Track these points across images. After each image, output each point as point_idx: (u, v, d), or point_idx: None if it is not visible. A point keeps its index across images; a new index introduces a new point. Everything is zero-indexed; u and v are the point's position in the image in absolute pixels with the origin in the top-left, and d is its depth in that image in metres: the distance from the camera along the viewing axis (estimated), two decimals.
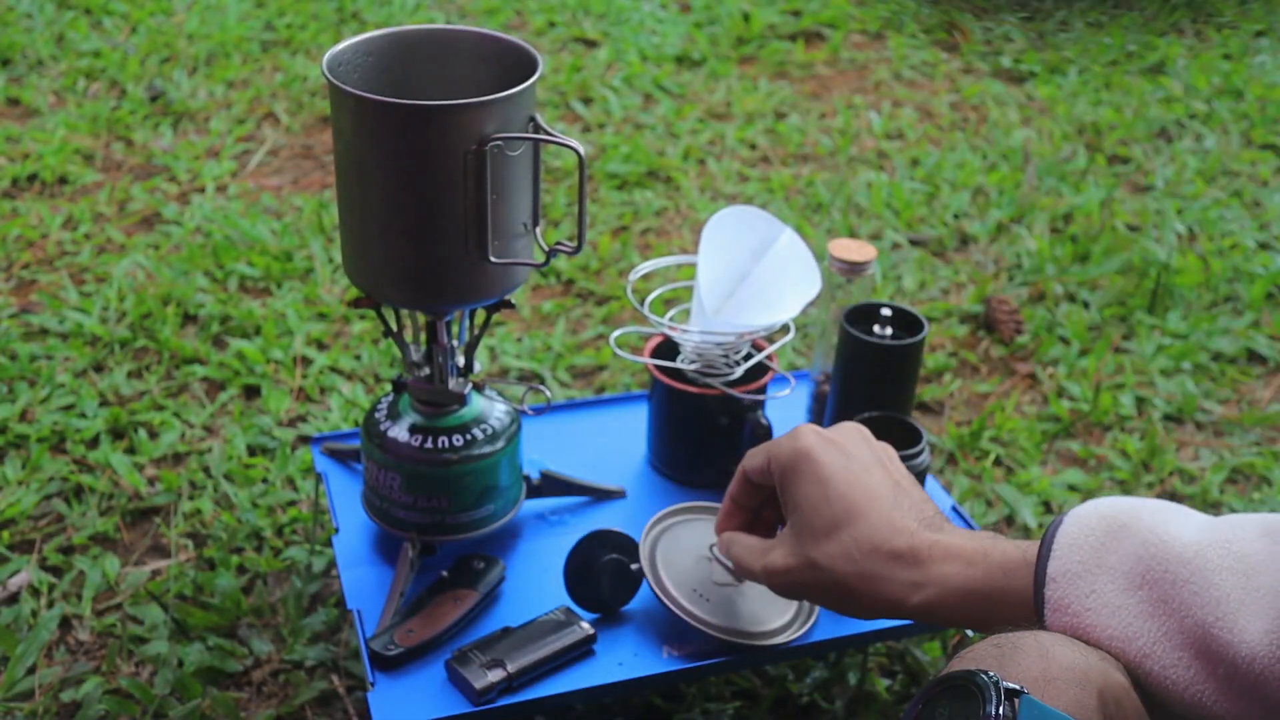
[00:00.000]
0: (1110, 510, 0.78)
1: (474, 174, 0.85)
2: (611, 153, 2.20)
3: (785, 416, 1.33)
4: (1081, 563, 0.76)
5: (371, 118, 0.87)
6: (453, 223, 0.87)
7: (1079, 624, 0.74)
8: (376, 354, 1.64)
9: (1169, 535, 0.74)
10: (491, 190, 0.86)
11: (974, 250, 1.99)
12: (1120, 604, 0.73)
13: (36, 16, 2.65)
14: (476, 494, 1.10)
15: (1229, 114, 2.50)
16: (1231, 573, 0.71)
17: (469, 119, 0.85)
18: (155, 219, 1.97)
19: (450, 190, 0.86)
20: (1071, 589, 0.75)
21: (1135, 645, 0.72)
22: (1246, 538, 0.73)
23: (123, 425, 1.50)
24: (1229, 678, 0.69)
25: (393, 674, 1.01)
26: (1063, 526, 0.78)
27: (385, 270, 0.93)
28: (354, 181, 0.90)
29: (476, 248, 0.88)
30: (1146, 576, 0.73)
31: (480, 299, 0.94)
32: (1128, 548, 0.75)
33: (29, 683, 1.17)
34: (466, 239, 0.88)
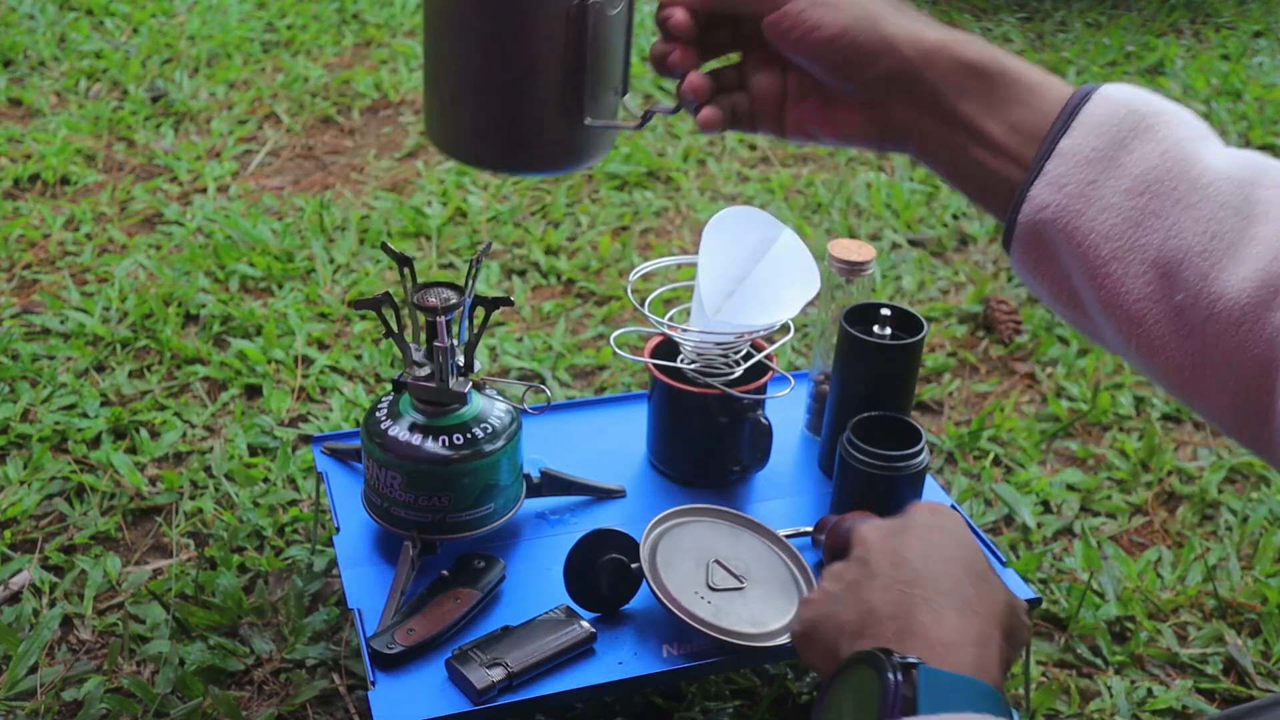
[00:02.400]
0: (1142, 105, 0.71)
1: (575, 31, 0.84)
2: (612, 153, 2.20)
3: (785, 416, 1.33)
4: (1096, 149, 0.70)
5: None
6: (550, 82, 0.86)
7: (1066, 206, 0.70)
8: (377, 354, 1.65)
9: (1193, 154, 0.70)
10: (591, 49, 0.85)
11: (973, 250, 1.99)
12: (1116, 203, 0.69)
13: (38, 17, 2.66)
14: (477, 493, 1.10)
15: (1227, 114, 2.50)
16: (1237, 214, 0.68)
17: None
18: (157, 219, 1.98)
19: (550, 47, 0.84)
20: (1076, 171, 0.70)
21: (1109, 247, 0.69)
22: (1266, 183, 0.69)
23: (124, 425, 1.50)
24: (1185, 309, 0.67)
25: (393, 673, 1.01)
26: (1089, 105, 0.71)
27: (478, 132, 0.90)
28: (449, 40, 0.88)
29: (573, 108, 0.87)
30: (1153, 187, 0.69)
31: (570, 164, 0.92)
32: (1147, 151, 0.70)
33: (31, 681, 1.17)
34: (563, 99, 0.86)
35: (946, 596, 0.68)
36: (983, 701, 0.62)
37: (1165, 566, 1.38)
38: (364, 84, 2.44)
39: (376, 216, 1.98)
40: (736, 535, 1.13)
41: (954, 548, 0.74)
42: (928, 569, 0.70)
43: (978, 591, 0.70)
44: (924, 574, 0.70)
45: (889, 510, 1.13)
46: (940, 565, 0.71)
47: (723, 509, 1.15)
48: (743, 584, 1.07)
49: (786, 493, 1.26)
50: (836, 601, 0.73)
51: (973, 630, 0.67)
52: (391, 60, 2.58)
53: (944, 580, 0.69)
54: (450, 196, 2.05)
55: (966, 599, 0.68)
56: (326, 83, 2.45)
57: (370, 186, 2.10)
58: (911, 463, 1.13)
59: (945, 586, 0.69)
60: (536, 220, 2.01)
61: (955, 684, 0.62)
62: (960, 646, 0.65)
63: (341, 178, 2.13)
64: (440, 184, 2.10)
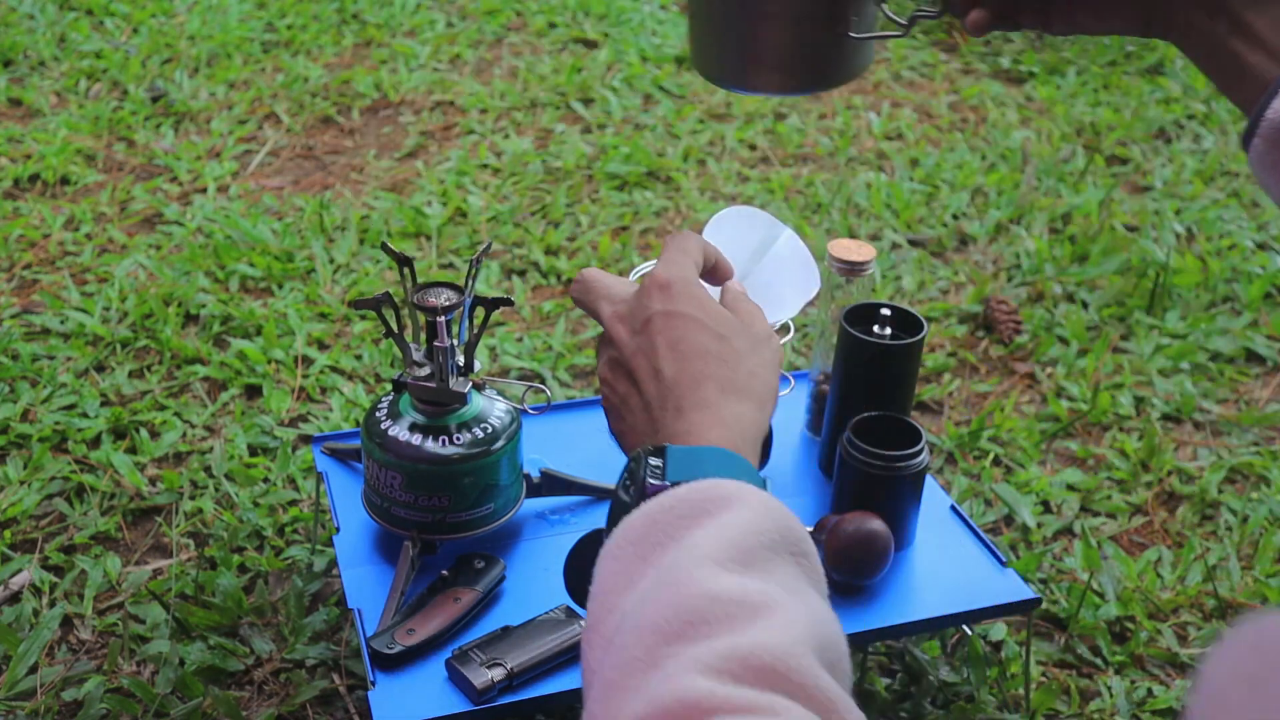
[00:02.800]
0: None
1: None
2: (612, 153, 2.21)
3: (784, 416, 1.33)
4: None
5: None
6: (819, 2, 0.88)
7: None
8: (377, 354, 1.65)
9: None
10: None
11: (973, 250, 1.99)
12: None
13: (38, 17, 2.66)
14: (477, 493, 1.10)
15: (1227, 114, 2.50)
16: None
17: None
18: (157, 219, 1.98)
19: None
20: None
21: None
22: None
23: (124, 425, 1.50)
24: None
25: (393, 673, 1.01)
26: None
27: (755, 58, 0.92)
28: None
29: (840, 21, 0.89)
30: None
31: (844, 77, 0.94)
32: None
33: (31, 681, 1.17)
34: (831, 13, 0.89)
35: (695, 399, 0.76)
36: (725, 466, 0.70)
37: (1165, 566, 1.38)
38: (364, 84, 2.44)
39: (376, 216, 1.98)
40: None
41: (697, 334, 0.79)
42: (677, 374, 0.77)
43: (723, 375, 0.78)
44: (676, 382, 0.77)
45: (889, 510, 1.14)
46: (687, 365, 0.78)
47: None
48: None
49: (786, 493, 1.26)
50: (623, 418, 0.81)
51: (720, 415, 0.75)
52: (391, 60, 2.58)
53: (691, 383, 0.77)
54: (450, 196, 2.05)
55: (709, 394, 0.76)
56: (326, 83, 2.45)
57: (370, 186, 2.10)
58: (911, 463, 1.13)
59: (694, 391, 0.76)
60: (536, 220, 2.01)
61: (698, 454, 0.71)
62: (708, 430, 0.74)
63: (341, 178, 2.13)
64: (440, 184, 2.10)
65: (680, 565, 0.62)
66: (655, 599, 0.61)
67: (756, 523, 0.65)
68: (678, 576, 0.61)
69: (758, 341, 0.82)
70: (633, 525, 0.67)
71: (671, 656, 0.57)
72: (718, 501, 0.66)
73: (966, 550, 1.20)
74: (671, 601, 0.60)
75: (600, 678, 0.60)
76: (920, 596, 1.14)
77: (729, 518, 0.65)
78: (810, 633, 0.59)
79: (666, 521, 0.66)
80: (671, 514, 0.66)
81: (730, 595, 0.60)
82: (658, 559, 0.64)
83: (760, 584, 0.62)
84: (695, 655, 0.56)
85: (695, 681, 0.54)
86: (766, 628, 0.58)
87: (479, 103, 2.39)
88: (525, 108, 2.41)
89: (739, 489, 0.67)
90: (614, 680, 0.58)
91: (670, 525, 0.65)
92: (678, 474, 0.70)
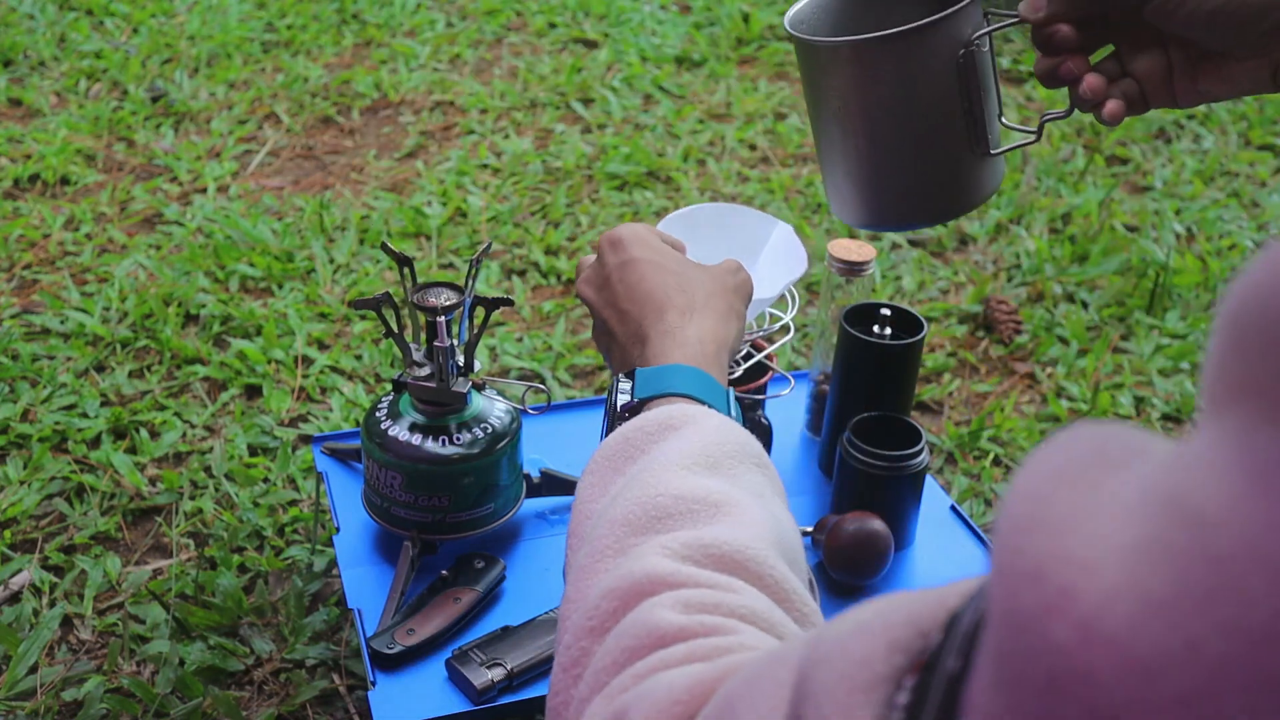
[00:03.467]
0: None
1: (965, 76, 0.88)
2: (612, 153, 2.21)
3: (785, 416, 1.34)
4: None
5: (875, 55, 0.88)
6: (955, 130, 0.91)
7: None
8: (377, 354, 1.65)
9: None
10: (980, 88, 0.90)
11: (973, 250, 1.99)
12: None
13: (38, 17, 2.66)
14: (477, 493, 1.10)
15: (1227, 114, 2.50)
16: None
17: (958, 25, 0.87)
18: (157, 219, 1.98)
19: (950, 100, 0.89)
20: None
21: None
22: None
23: (124, 425, 1.50)
24: None
25: (393, 673, 1.01)
26: None
27: (905, 197, 0.94)
28: (856, 129, 0.92)
29: (979, 144, 0.91)
30: None
31: (988, 193, 0.96)
32: None
33: (31, 681, 1.17)
34: (970, 140, 0.91)
35: (654, 327, 0.82)
36: (686, 381, 0.77)
37: None
38: (364, 84, 2.44)
39: (376, 216, 1.98)
40: None
41: (651, 274, 0.85)
42: (637, 309, 0.83)
43: (681, 302, 0.83)
44: (636, 316, 0.83)
45: (889, 510, 1.14)
46: (645, 301, 0.84)
47: None
48: None
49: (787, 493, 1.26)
50: (606, 350, 0.88)
51: (681, 337, 0.81)
52: (391, 60, 2.58)
53: (650, 313, 0.83)
54: (450, 196, 2.05)
55: (669, 320, 0.82)
56: (326, 83, 2.45)
57: (370, 186, 2.10)
58: (911, 463, 1.13)
59: (653, 319, 0.82)
60: (536, 220, 2.01)
61: (660, 373, 0.78)
62: (671, 350, 0.80)
63: (341, 178, 2.13)
64: (440, 184, 2.10)
65: (649, 469, 0.67)
66: (624, 498, 0.66)
67: (720, 435, 0.70)
68: (646, 479, 0.66)
69: (716, 271, 0.88)
70: (608, 445, 0.73)
71: (638, 545, 0.62)
72: (683, 418, 0.72)
73: (967, 550, 1.20)
74: (640, 499, 0.65)
75: (574, 568, 0.65)
76: None
77: (693, 431, 0.71)
78: (770, 530, 0.64)
79: (637, 439, 0.72)
80: (641, 432, 0.72)
81: (694, 494, 0.65)
82: (628, 468, 0.70)
83: (724, 485, 0.66)
84: (661, 542, 0.61)
85: (660, 562, 0.59)
86: (729, 524, 0.63)
87: (479, 103, 2.39)
88: (525, 108, 2.41)
89: (704, 412, 0.73)
90: (586, 566, 0.63)
91: (641, 440, 0.71)
92: (644, 391, 0.77)
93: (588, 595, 0.61)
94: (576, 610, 0.61)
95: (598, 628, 0.58)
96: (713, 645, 0.53)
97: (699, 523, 0.63)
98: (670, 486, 0.65)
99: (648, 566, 0.59)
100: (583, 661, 0.58)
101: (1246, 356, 0.32)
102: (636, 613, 0.57)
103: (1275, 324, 0.31)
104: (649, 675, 0.53)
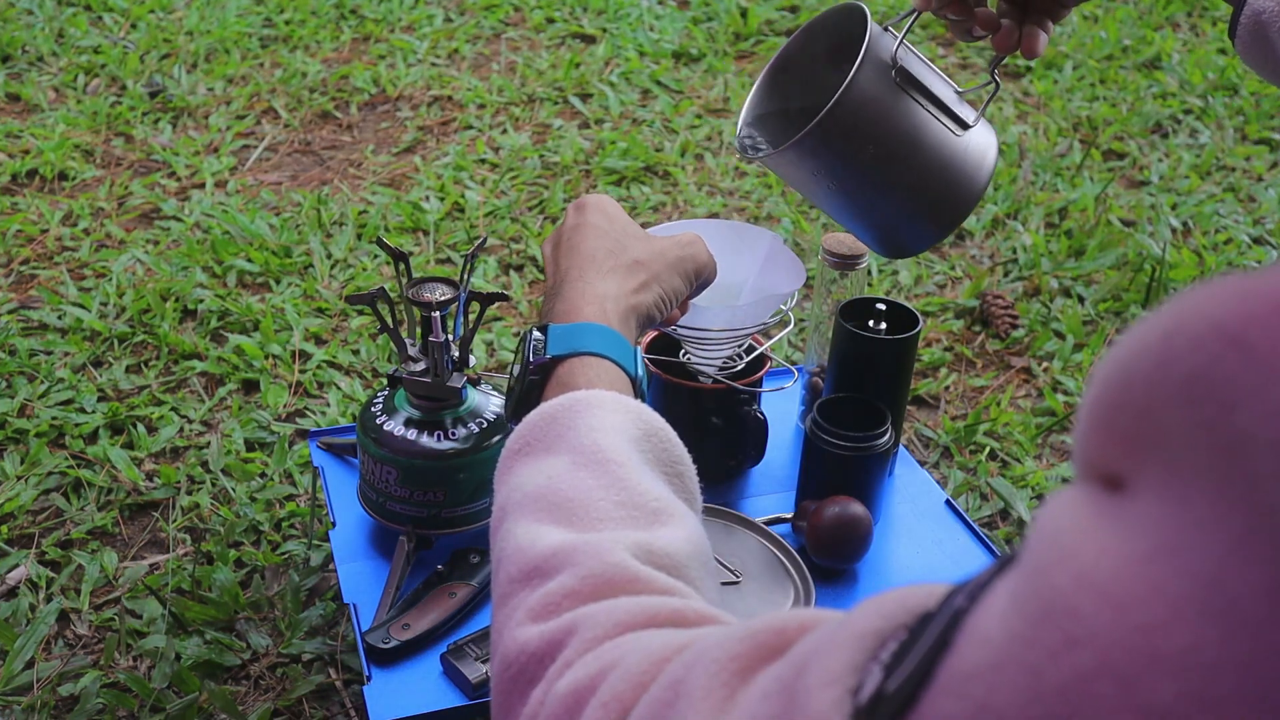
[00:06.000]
0: None
1: (912, 83, 0.93)
2: (609, 148, 2.21)
3: (781, 410, 1.34)
4: None
5: (831, 127, 0.91)
6: (938, 125, 0.95)
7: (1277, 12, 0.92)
8: (374, 349, 1.65)
9: None
10: (926, 86, 0.94)
11: (969, 245, 1.99)
12: None
13: (37, 13, 2.66)
14: (472, 488, 1.10)
15: (1224, 109, 2.50)
16: None
17: (876, 55, 0.92)
18: (154, 215, 1.98)
19: (915, 109, 0.94)
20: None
21: None
22: None
23: (121, 420, 1.50)
24: None
25: (389, 667, 1.02)
26: None
27: (944, 210, 0.98)
28: (867, 185, 0.96)
29: (961, 122, 0.96)
30: None
31: (995, 157, 0.99)
32: None
33: (27, 676, 1.18)
34: (954, 124, 0.96)
35: (571, 283, 0.85)
36: (597, 339, 0.80)
37: None
38: (362, 79, 2.44)
39: (374, 211, 1.99)
40: (730, 531, 1.13)
41: (590, 237, 0.89)
42: (566, 266, 0.87)
43: (604, 264, 0.87)
44: (563, 272, 0.87)
45: (858, 492, 1.15)
46: (573, 259, 0.87)
47: (716, 506, 1.15)
48: (738, 579, 1.07)
49: (782, 486, 1.26)
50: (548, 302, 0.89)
51: (593, 294, 0.84)
52: (390, 55, 2.58)
53: (573, 270, 0.86)
54: (448, 191, 2.05)
55: (587, 277, 0.85)
56: (324, 78, 2.45)
57: (368, 182, 2.10)
58: (876, 443, 1.14)
59: (573, 275, 0.86)
60: (534, 215, 2.01)
61: (572, 330, 0.80)
62: (583, 305, 0.83)
63: (339, 173, 2.14)
64: (438, 179, 2.10)
65: None
66: None
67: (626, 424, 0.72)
68: None
69: (661, 242, 0.92)
70: (531, 426, 0.73)
71: None
72: (589, 404, 0.73)
73: (961, 545, 1.20)
74: None
75: (496, 590, 0.65)
76: None
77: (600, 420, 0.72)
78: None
79: (563, 419, 0.72)
80: (557, 418, 0.72)
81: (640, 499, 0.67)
82: (546, 458, 0.71)
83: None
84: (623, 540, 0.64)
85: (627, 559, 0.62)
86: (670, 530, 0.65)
87: (477, 98, 2.40)
88: (523, 103, 2.41)
89: (612, 401, 0.74)
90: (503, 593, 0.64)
91: (561, 425, 0.72)
92: (557, 348, 0.79)
93: None
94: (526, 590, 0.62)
95: None
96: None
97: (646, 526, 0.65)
98: None
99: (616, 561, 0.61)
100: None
101: (1113, 422, 0.36)
102: None
103: (1135, 386, 0.35)
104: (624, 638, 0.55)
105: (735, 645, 0.48)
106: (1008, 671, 0.34)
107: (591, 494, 0.65)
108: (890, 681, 0.38)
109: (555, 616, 0.58)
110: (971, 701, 0.35)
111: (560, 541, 0.62)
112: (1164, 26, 2.95)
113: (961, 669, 0.36)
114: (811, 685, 0.41)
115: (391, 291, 1.42)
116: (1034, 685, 0.33)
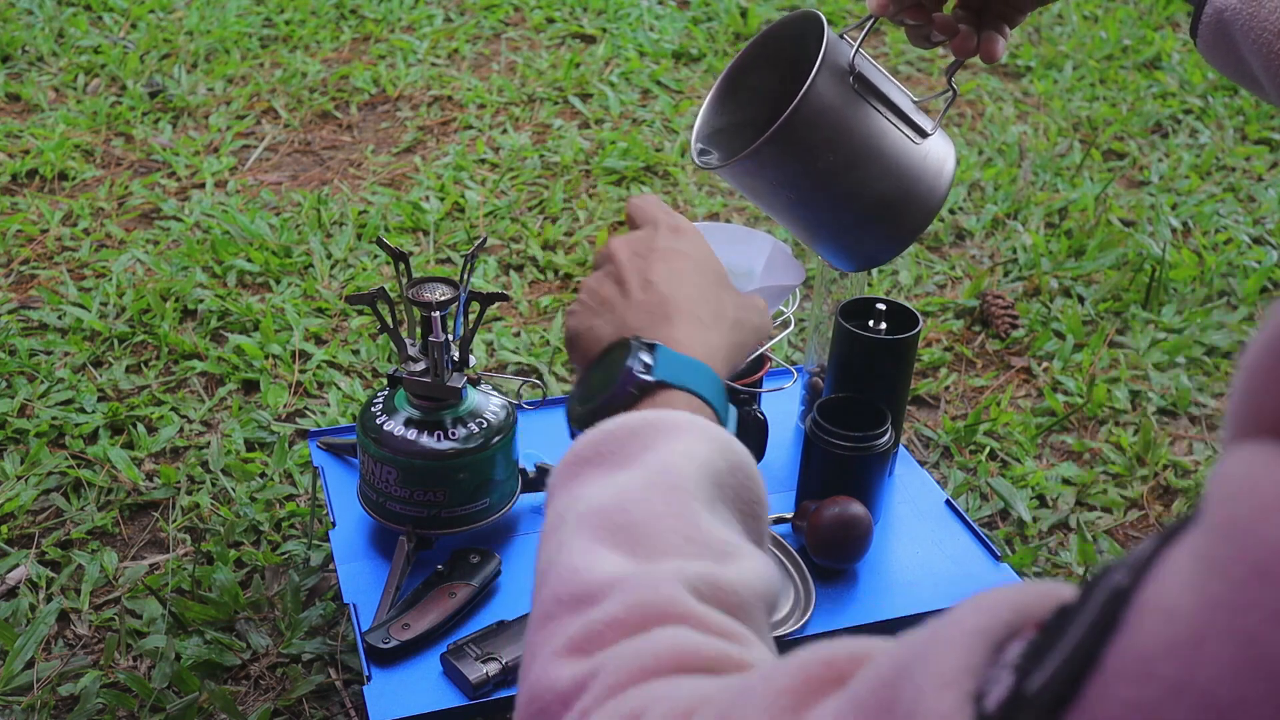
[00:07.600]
0: None
1: (870, 90, 0.94)
2: (609, 148, 2.21)
3: (781, 410, 1.34)
4: None
5: (790, 134, 0.91)
6: (896, 132, 0.95)
7: (1240, 9, 0.90)
8: (374, 349, 1.65)
9: None
10: (883, 93, 0.95)
11: (970, 245, 1.99)
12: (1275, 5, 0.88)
13: (37, 13, 2.66)
14: (472, 488, 1.10)
15: (1224, 109, 2.50)
16: None
17: (834, 63, 0.92)
18: (154, 215, 1.98)
19: (874, 116, 0.94)
20: None
21: None
22: None
23: (121, 420, 1.50)
24: None
25: (388, 667, 1.02)
26: None
27: (905, 218, 0.98)
28: (834, 195, 0.96)
29: (919, 130, 0.96)
30: None
31: (951, 171, 1.00)
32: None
33: (27, 676, 1.18)
34: (912, 132, 0.96)
35: (683, 315, 0.77)
36: (708, 384, 0.73)
37: None
38: (362, 79, 2.44)
39: (374, 211, 1.99)
40: None
41: (693, 272, 0.81)
42: (671, 292, 0.78)
43: (711, 310, 0.80)
44: (668, 297, 0.78)
45: (858, 491, 1.15)
46: (680, 289, 0.79)
47: None
48: None
49: (783, 486, 1.26)
50: (596, 315, 0.79)
51: (705, 339, 0.77)
52: (390, 55, 2.58)
53: (683, 302, 0.78)
54: (448, 191, 2.05)
55: (700, 317, 0.78)
56: (324, 78, 2.45)
57: (368, 181, 2.10)
58: (876, 443, 1.14)
59: (684, 308, 0.78)
60: (534, 215, 2.01)
61: (688, 363, 0.73)
62: (696, 346, 0.75)
63: (339, 173, 2.14)
64: (438, 179, 2.10)
65: None
66: None
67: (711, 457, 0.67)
68: None
69: (747, 301, 0.86)
70: (615, 430, 0.68)
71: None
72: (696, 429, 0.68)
73: (961, 544, 1.20)
74: None
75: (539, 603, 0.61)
76: (915, 591, 1.14)
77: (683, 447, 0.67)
78: None
79: (645, 434, 0.67)
80: (644, 430, 0.67)
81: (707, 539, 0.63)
82: (629, 465, 0.66)
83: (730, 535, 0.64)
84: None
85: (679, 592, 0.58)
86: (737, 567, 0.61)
87: (477, 98, 2.40)
88: (523, 103, 2.41)
89: (724, 441, 0.69)
90: None
91: (648, 438, 0.67)
92: (666, 374, 0.72)
93: None
94: None
95: None
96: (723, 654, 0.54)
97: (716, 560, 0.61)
98: None
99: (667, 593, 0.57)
100: None
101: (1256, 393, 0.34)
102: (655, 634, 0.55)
103: None
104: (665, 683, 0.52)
105: (782, 680, 0.45)
106: (1210, 645, 0.31)
107: (661, 521, 0.62)
108: (1031, 681, 0.35)
109: (594, 651, 0.55)
110: (1162, 683, 0.32)
111: (617, 572, 0.59)
112: (1164, 26, 2.95)
113: (1140, 650, 0.33)
114: (925, 689, 0.38)
115: (391, 291, 1.42)
116: (1249, 654, 0.30)
